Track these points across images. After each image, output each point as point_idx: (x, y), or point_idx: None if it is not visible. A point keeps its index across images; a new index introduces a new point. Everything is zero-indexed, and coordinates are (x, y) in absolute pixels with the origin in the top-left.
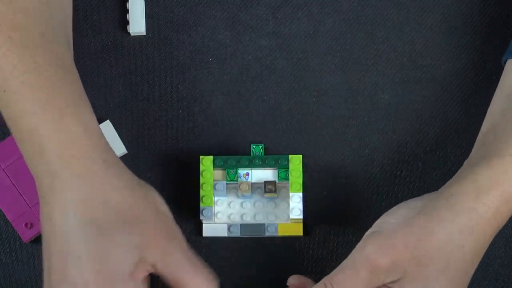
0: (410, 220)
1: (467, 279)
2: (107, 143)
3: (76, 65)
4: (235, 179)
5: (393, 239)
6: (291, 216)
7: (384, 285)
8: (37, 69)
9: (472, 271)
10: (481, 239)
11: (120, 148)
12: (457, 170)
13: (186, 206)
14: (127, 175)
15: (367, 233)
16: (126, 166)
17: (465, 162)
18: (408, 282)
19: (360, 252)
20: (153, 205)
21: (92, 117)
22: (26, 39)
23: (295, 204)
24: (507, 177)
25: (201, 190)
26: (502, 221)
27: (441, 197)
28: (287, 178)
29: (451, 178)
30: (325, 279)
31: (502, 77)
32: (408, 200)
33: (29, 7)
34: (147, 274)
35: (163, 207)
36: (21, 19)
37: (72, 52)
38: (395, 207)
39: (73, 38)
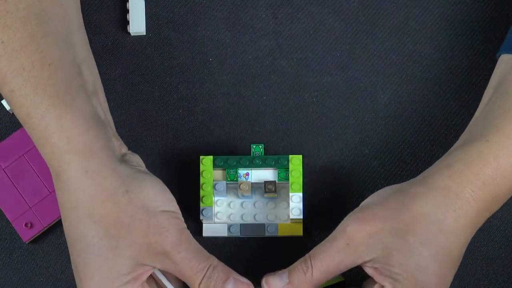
0: (387, 196)
1: (452, 260)
2: (94, 145)
3: None
4: (235, 179)
5: (370, 213)
6: (291, 216)
7: (368, 267)
8: (21, 72)
9: (456, 252)
10: (463, 219)
11: None
12: None
13: (186, 206)
14: (111, 182)
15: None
16: None
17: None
18: (389, 256)
19: (340, 228)
20: (141, 208)
21: (77, 118)
22: (14, 42)
23: (295, 204)
24: (480, 159)
25: (201, 190)
26: (485, 205)
27: (417, 178)
28: (287, 178)
29: None
30: (306, 255)
31: (494, 71)
32: (390, 185)
33: (19, 8)
34: (149, 274)
35: (155, 203)
36: (12, 21)
37: (76, 36)
38: (377, 191)
39: None
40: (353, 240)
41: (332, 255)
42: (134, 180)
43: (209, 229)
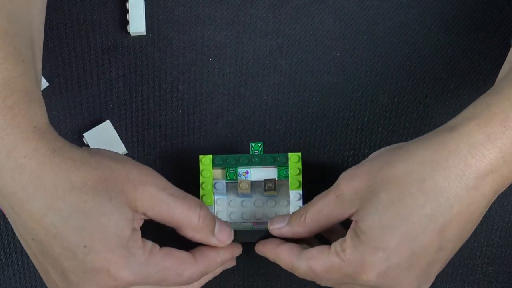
0: (383, 153)
1: (433, 225)
2: (54, 132)
3: (76, 65)
4: (234, 178)
5: (361, 169)
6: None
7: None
8: None
9: (442, 217)
10: (456, 179)
11: (120, 148)
12: None
13: None
14: (76, 152)
15: None
16: None
17: None
18: (361, 211)
19: (337, 181)
20: (113, 160)
21: (41, 110)
22: None
23: (295, 202)
24: (488, 111)
25: (201, 190)
26: (491, 165)
27: (422, 136)
28: (286, 176)
29: None
30: (308, 203)
31: (509, 53)
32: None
33: None
34: (141, 223)
35: (120, 156)
36: None
37: (36, 47)
38: (382, 148)
39: (73, 38)
40: (342, 193)
41: (323, 205)
42: (90, 149)
43: None
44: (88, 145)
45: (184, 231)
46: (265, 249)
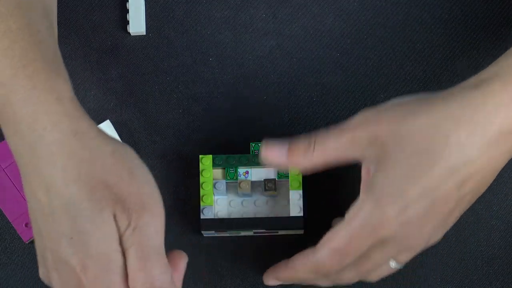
0: (402, 102)
1: (456, 179)
2: (80, 109)
3: (76, 65)
4: (235, 178)
5: (380, 114)
6: (291, 214)
7: (365, 168)
8: (8, 34)
9: (463, 172)
10: (480, 136)
11: None
12: None
13: (187, 206)
14: (98, 143)
15: None
16: None
17: None
18: (380, 161)
19: (350, 119)
20: (126, 168)
21: (65, 84)
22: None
23: (295, 202)
24: (507, 73)
25: (201, 189)
26: (510, 123)
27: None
28: (286, 176)
29: None
30: (313, 135)
31: None
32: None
33: None
34: None
35: (139, 170)
36: None
37: (52, 19)
38: (405, 96)
39: (73, 38)
40: (355, 134)
41: (336, 145)
42: (117, 141)
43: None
44: None
45: None
46: (276, 271)
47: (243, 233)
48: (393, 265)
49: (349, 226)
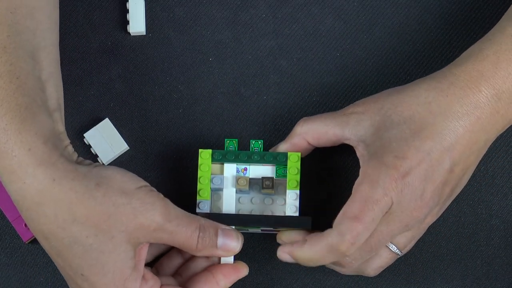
0: (407, 86)
1: (445, 143)
2: (55, 152)
3: (76, 65)
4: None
5: (368, 98)
6: (287, 213)
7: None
8: None
9: (449, 137)
10: (458, 104)
11: (121, 145)
12: None
13: (186, 206)
14: (80, 182)
15: None
16: (127, 166)
17: None
18: (375, 131)
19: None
20: (118, 193)
21: (40, 127)
22: None
23: (292, 201)
24: (481, 54)
25: (198, 183)
26: (484, 96)
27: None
28: (285, 175)
29: None
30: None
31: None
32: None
33: None
34: (146, 249)
35: (127, 183)
36: None
37: (43, 52)
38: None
39: (73, 38)
40: (349, 110)
41: (325, 118)
42: (97, 173)
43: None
44: (89, 145)
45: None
46: (292, 247)
47: (250, 230)
48: (394, 248)
49: (358, 196)
